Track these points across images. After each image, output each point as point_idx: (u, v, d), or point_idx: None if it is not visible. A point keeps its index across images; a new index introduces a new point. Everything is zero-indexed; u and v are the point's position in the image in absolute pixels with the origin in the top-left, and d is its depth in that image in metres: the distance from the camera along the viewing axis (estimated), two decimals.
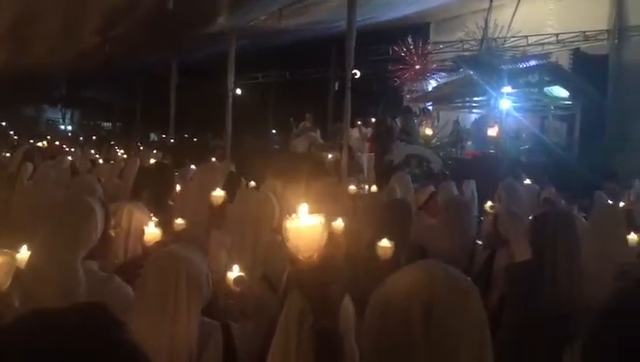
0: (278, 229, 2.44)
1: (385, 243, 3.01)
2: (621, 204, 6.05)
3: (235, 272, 2.61)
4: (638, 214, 5.81)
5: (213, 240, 3.44)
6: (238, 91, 16.68)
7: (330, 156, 9.96)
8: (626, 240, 3.53)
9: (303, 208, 1.50)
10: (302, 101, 17.42)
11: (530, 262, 2.63)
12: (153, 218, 3.07)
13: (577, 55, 12.83)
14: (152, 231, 2.90)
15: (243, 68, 15.91)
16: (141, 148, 13.63)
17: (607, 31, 12.63)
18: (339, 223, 3.75)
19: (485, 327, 1.32)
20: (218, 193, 3.78)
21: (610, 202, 6.10)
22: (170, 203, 4.38)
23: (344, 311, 1.57)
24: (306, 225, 1.47)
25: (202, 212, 3.83)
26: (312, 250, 1.45)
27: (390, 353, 1.29)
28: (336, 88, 17.54)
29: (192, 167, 7.28)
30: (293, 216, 1.50)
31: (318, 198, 4.68)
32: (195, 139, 20.28)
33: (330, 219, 3.94)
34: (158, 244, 2.83)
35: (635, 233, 4.28)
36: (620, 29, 12.49)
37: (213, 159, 9.39)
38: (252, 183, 6.29)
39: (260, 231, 3.03)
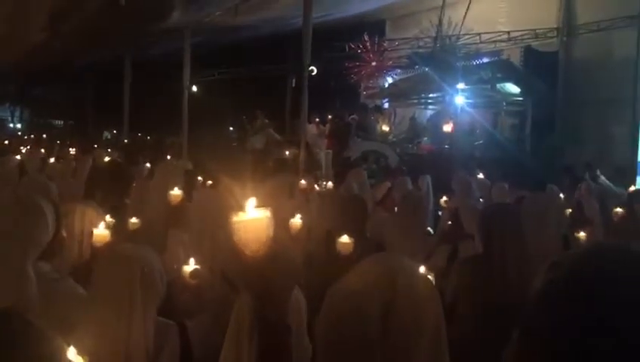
0: None
1: (345, 239, 3.04)
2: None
3: (191, 265, 2.60)
4: (587, 207, 6.04)
5: (171, 239, 3.41)
6: (194, 88, 16.47)
7: (287, 153, 9.96)
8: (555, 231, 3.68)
9: (250, 202, 1.49)
10: (259, 98, 17.33)
11: (481, 255, 2.70)
12: (107, 218, 3.01)
13: (528, 52, 13.14)
14: (100, 233, 2.85)
15: (199, 64, 15.72)
16: (94, 146, 13.31)
17: (556, 29, 12.99)
18: (297, 220, 3.76)
19: (442, 326, 1.32)
20: (176, 192, 3.76)
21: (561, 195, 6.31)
22: (127, 201, 4.31)
23: (295, 305, 1.58)
24: (253, 219, 1.47)
25: (160, 211, 3.79)
26: (258, 243, 1.45)
27: (346, 350, 1.28)
28: (294, 85, 17.53)
29: (147, 165, 7.17)
30: (241, 211, 1.50)
31: (275, 195, 4.70)
32: (149, 137, 19.94)
33: (287, 215, 3.98)
34: (109, 245, 2.77)
35: (583, 231, 4.45)
36: (568, 27, 12.87)
37: (169, 157, 9.27)
38: (209, 182, 6.24)
39: (218, 230, 3.01)
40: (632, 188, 7.67)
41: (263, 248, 1.48)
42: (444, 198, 5.96)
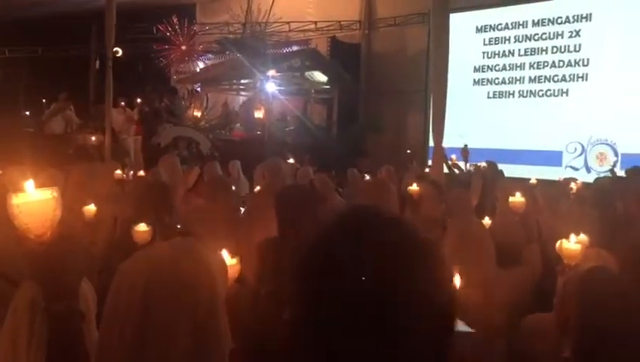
0: None
1: (142, 227, 2.92)
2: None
3: None
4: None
5: None
6: None
7: (93, 138, 9.35)
8: None
9: (30, 183, 1.35)
10: (59, 80, 15.97)
11: (277, 236, 2.78)
12: None
13: (334, 43, 13.76)
14: None
15: None
16: None
17: (358, 22, 13.78)
18: (91, 207, 3.54)
19: (217, 305, 1.37)
20: None
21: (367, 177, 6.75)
22: None
23: (83, 297, 1.49)
24: (36, 200, 1.33)
25: None
26: (44, 227, 1.33)
27: (115, 321, 1.28)
28: (97, 67, 16.45)
29: None
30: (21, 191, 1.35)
31: (78, 183, 4.39)
32: None
33: (89, 204, 3.74)
34: None
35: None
36: (369, 21, 13.72)
37: None
38: None
39: None
40: (427, 169, 8.44)
41: (48, 231, 1.36)
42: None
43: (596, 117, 10.22)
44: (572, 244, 2.67)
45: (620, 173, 7.74)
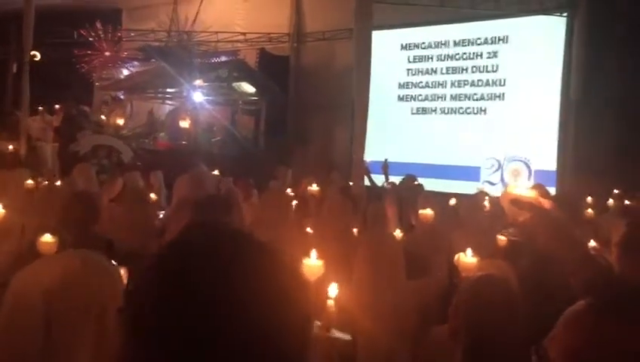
0: None
1: (47, 238, 2.82)
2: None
3: None
4: (312, 200, 6.64)
5: None
6: None
7: (10, 147, 8.93)
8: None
9: None
10: None
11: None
12: None
13: (263, 54, 13.80)
14: None
15: None
16: None
17: (287, 34, 13.88)
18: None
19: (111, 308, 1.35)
20: None
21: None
22: None
23: None
24: None
25: None
26: None
27: (13, 335, 1.26)
28: (15, 71, 15.75)
29: None
30: None
31: None
32: None
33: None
34: None
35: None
36: (298, 34, 13.85)
37: None
38: None
39: None
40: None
41: None
42: None
43: (512, 135, 10.73)
44: (468, 258, 2.81)
45: None
